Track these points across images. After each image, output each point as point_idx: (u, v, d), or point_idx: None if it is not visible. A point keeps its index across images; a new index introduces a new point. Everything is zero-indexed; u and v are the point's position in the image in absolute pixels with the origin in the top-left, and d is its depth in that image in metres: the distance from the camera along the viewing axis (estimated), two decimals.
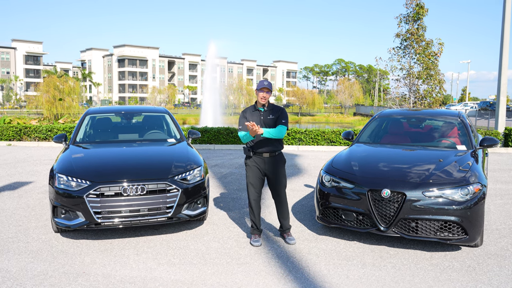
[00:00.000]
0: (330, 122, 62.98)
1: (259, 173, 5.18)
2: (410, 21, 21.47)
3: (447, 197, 4.77)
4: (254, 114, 5.18)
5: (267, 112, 5.18)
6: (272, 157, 5.16)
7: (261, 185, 5.22)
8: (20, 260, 4.67)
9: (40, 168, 10.72)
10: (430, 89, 21.26)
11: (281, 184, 5.23)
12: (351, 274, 4.35)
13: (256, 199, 5.21)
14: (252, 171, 5.19)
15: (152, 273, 4.36)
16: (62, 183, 5.16)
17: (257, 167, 5.17)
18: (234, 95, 78.31)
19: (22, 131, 16.91)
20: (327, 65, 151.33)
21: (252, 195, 5.19)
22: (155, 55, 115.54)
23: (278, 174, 5.20)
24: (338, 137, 15.89)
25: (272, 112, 5.19)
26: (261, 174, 5.20)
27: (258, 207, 5.24)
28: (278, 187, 5.22)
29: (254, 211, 5.22)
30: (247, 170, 5.25)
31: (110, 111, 7.80)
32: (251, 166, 5.20)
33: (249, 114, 5.21)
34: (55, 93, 45.89)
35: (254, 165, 5.17)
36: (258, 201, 5.23)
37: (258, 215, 5.25)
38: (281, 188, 5.24)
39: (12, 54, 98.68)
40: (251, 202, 5.21)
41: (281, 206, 5.28)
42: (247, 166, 5.24)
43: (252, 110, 5.23)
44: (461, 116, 6.83)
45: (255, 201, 5.21)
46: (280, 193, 5.25)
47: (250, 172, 5.20)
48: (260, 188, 5.22)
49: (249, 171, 5.22)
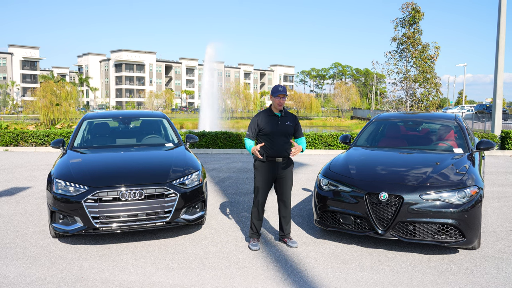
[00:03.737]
0: (327, 125, 63.03)
1: (269, 177, 5.16)
2: (406, 25, 21.61)
3: (444, 200, 4.79)
4: (271, 120, 5.12)
5: (284, 118, 5.16)
6: (284, 162, 5.18)
7: (269, 189, 5.23)
8: (18, 266, 4.66)
9: (37, 173, 10.70)
10: (426, 93, 21.36)
11: (289, 187, 5.26)
12: (349, 278, 4.36)
13: (263, 203, 5.23)
14: (262, 175, 5.15)
15: (150, 278, 4.36)
16: (60, 188, 5.16)
17: (269, 171, 5.14)
18: (232, 99, 78.32)
19: (19, 136, 16.87)
20: (324, 69, 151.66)
21: (260, 199, 5.19)
22: (152, 60, 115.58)
23: (288, 178, 5.23)
24: (335, 140, 15.92)
25: (289, 119, 5.19)
26: (272, 178, 5.19)
27: (263, 210, 5.26)
28: (286, 191, 5.24)
29: (260, 214, 5.23)
30: (257, 174, 5.19)
31: (107, 116, 7.80)
32: (262, 170, 5.15)
33: (264, 119, 5.12)
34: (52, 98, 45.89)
35: (266, 169, 5.14)
36: (263, 205, 5.26)
37: (262, 218, 5.27)
38: (289, 191, 5.28)
39: (9, 59, 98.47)
40: (258, 205, 5.20)
41: (286, 210, 5.29)
42: (257, 170, 5.18)
43: (268, 115, 5.15)
44: (457, 119, 6.87)
45: (262, 204, 5.22)
46: (288, 197, 5.27)
47: (261, 176, 5.16)
48: (268, 192, 5.23)
49: (259, 175, 5.17)
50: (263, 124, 5.10)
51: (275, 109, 5.14)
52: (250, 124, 5.19)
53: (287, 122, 5.15)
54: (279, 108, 5.10)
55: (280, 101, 5.05)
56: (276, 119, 5.12)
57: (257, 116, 5.21)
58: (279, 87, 5.07)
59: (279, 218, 5.38)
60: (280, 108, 5.11)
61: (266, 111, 5.21)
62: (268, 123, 5.09)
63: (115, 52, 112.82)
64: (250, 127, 5.18)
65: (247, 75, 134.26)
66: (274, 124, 5.09)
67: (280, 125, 5.10)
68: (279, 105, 5.07)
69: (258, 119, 5.16)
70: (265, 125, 5.09)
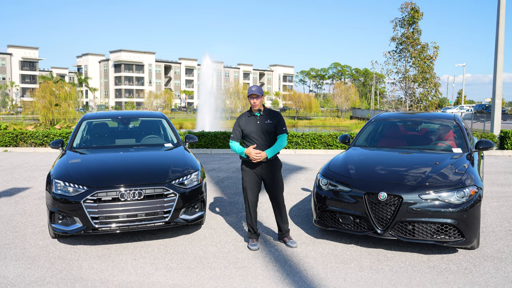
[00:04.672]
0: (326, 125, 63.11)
1: (255, 178, 5.19)
2: (405, 25, 21.63)
3: (443, 200, 4.79)
4: (250, 120, 5.18)
5: (264, 116, 5.18)
6: (269, 162, 5.17)
7: (258, 189, 5.23)
8: (17, 267, 4.66)
9: (36, 174, 10.70)
10: (426, 92, 21.39)
11: (278, 188, 5.24)
12: (349, 277, 4.36)
13: (253, 203, 5.22)
14: (248, 176, 5.20)
15: (150, 278, 4.36)
16: (59, 188, 5.16)
17: (254, 172, 5.18)
18: (231, 99, 78.37)
19: (19, 137, 16.86)
20: (323, 69, 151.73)
21: (249, 199, 5.20)
22: (151, 60, 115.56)
23: (275, 179, 5.21)
24: (334, 140, 15.92)
25: (269, 117, 5.19)
26: (258, 178, 5.21)
27: (255, 211, 5.25)
28: (275, 191, 5.24)
29: (252, 215, 5.23)
30: (243, 175, 5.25)
31: (106, 116, 7.79)
32: (247, 170, 5.20)
33: (244, 120, 5.20)
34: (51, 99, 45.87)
35: (251, 169, 5.18)
36: (255, 205, 5.24)
37: (255, 219, 5.26)
38: (279, 192, 5.25)
39: (8, 59, 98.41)
40: (248, 206, 5.22)
41: (279, 210, 5.28)
42: (244, 170, 5.24)
43: (248, 116, 5.23)
44: (456, 119, 6.87)
45: (252, 205, 5.21)
46: (278, 197, 5.26)
47: (247, 176, 5.21)
48: (257, 192, 5.23)
49: (245, 176, 5.22)
50: (243, 125, 5.17)
51: (254, 109, 5.18)
52: (234, 126, 5.25)
53: (266, 121, 5.16)
54: (255, 108, 5.15)
55: (253, 101, 5.09)
56: (255, 118, 5.17)
57: (239, 118, 5.28)
58: (252, 88, 5.11)
59: (275, 218, 5.38)
60: (255, 107, 5.14)
61: (247, 112, 5.27)
62: (248, 123, 5.15)
63: (114, 52, 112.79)
64: (233, 129, 5.24)
65: (247, 75, 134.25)
66: (253, 124, 5.14)
67: (259, 125, 5.13)
68: (253, 105, 5.12)
69: (239, 121, 5.23)
70: (245, 125, 5.16)
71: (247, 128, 5.14)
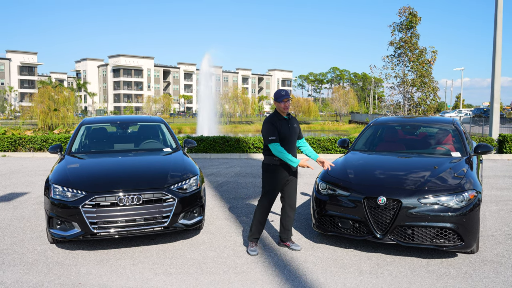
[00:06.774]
0: (325, 130, 63.13)
1: (282, 180, 5.15)
2: (403, 29, 21.68)
3: (442, 204, 4.79)
4: (283, 124, 5.11)
5: (291, 120, 5.23)
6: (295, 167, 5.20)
7: (278, 192, 5.25)
8: (15, 272, 4.63)
9: (35, 179, 10.67)
10: (424, 97, 21.41)
11: (296, 190, 5.31)
12: (348, 282, 4.35)
13: (271, 206, 5.23)
14: (276, 179, 5.12)
15: (148, 283, 4.34)
16: (57, 193, 5.14)
17: (282, 174, 5.13)
18: (230, 104, 78.39)
19: (17, 142, 16.84)
20: (322, 74, 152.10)
21: (270, 202, 5.17)
22: (150, 65, 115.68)
23: (295, 181, 5.27)
24: (333, 145, 15.93)
25: (294, 121, 5.26)
26: (283, 181, 5.17)
27: (267, 215, 5.27)
28: (293, 194, 5.28)
29: (265, 218, 5.22)
30: (269, 177, 5.13)
31: (105, 121, 7.78)
32: (276, 173, 5.12)
33: (279, 124, 5.08)
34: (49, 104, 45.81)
35: (279, 172, 5.12)
36: (270, 209, 5.27)
37: (265, 223, 5.28)
38: (296, 194, 5.33)
39: (7, 65, 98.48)
40: (265, 209, 5.18)
41: (292, 213, 5.31)
42: (270, 173, 5.13)
43: (279, 119, 5.12)
44: (455, 123, 6.88)
45: (269, 208, 5.22)
46: (295, 199, 5.32)
47: (274, 179, 5.12)
48: (277, 196, 5.25)
49: (272, 178, 5.12)
50: (280, 128, 5.07)
51: (282, 113, 5.15)
52: (269, 128, 5.03)
53: (294, 125, 5.23)
54: (286, 112, 5.14)
55: (285, 105, 5.07)
56: (287, 122, 5.16)
57: (271, 120, 5.09)
58: (282, 92, 5.10)
59: (282, 222, 5.34)
60: (287, 112, 5.14)
61: (276, 116, 5.14)
62: (283, 127, 5.09)
63: (113, 57, 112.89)
64: (271, 130, 5.01)
65: (245, 79, 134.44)
66: (286, 128, 5.12)
67: (291, 128, 5.15)
68: (285, 109, 5.09)
69: (275, 123, 5.07)
70: (281, 129, 5.07)
71: (283, 131, 5.06)
